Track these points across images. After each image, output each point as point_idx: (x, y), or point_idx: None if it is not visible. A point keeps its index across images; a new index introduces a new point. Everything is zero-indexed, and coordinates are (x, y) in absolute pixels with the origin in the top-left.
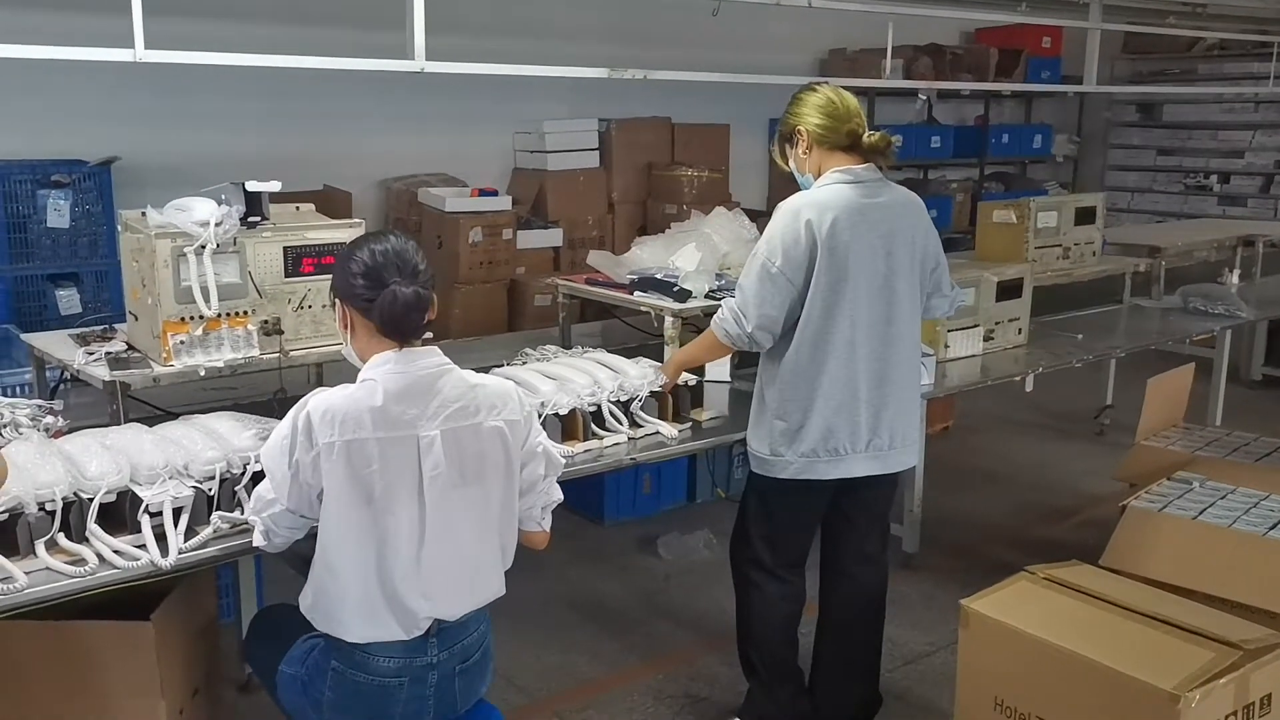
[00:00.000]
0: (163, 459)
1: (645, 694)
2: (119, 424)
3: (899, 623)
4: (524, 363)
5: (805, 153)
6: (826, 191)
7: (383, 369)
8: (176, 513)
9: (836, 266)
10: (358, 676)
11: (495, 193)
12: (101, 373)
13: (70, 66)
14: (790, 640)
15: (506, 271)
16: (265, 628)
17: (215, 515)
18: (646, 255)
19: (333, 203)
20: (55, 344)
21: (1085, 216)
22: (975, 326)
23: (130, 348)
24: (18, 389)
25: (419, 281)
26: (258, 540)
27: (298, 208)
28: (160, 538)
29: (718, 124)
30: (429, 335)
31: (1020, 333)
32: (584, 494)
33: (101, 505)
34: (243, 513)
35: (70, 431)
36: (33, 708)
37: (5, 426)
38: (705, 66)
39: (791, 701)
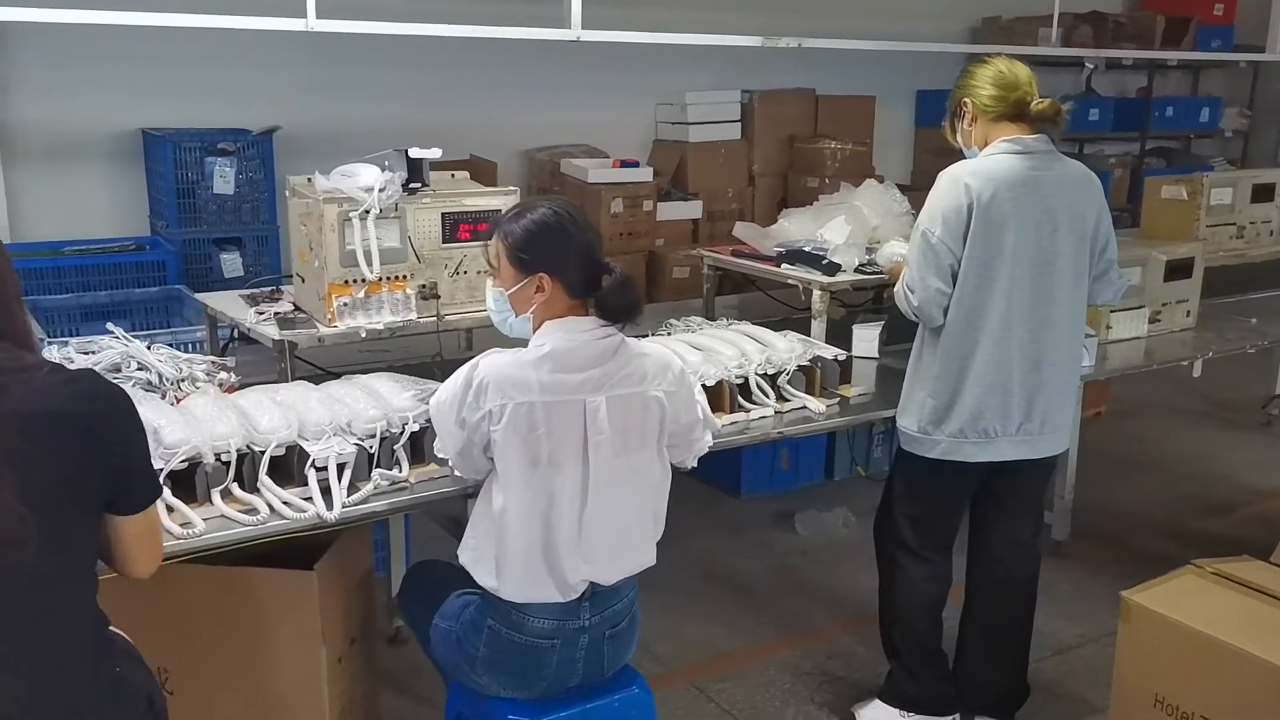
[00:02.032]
0: (328, 416)
1: (782, 669)
2: (287, 381)
3: (1048, 612)
4: (669, 334)
5: (970, 125)
6: (992, 161)
7: (554, 335)
8: (340, 468)
9: (994, 240)
10: (513, 636)
11: (636, 164)
12: (271, 332)
13: (235, 38)
14: (934, 623)
15: (646, 243)
16: (420, 582)
17: (376, 472)
18: (794, 227)
19: (479, 172)
20: (227, 304)
21: (1263, 194)
22: (1140, 308)
23: (297, 309)
24: (189, 346)
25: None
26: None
27: (453, 175)
28: (325, 492)
29: (863, 96)
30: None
31: (1189, 315)
32: (721, 467)
33: (271, 459)
34: (401, 470)
35: (240, 388)
36: (206, 647)
37: (183, 380)
38: (852, 36)
39: (934, 685)
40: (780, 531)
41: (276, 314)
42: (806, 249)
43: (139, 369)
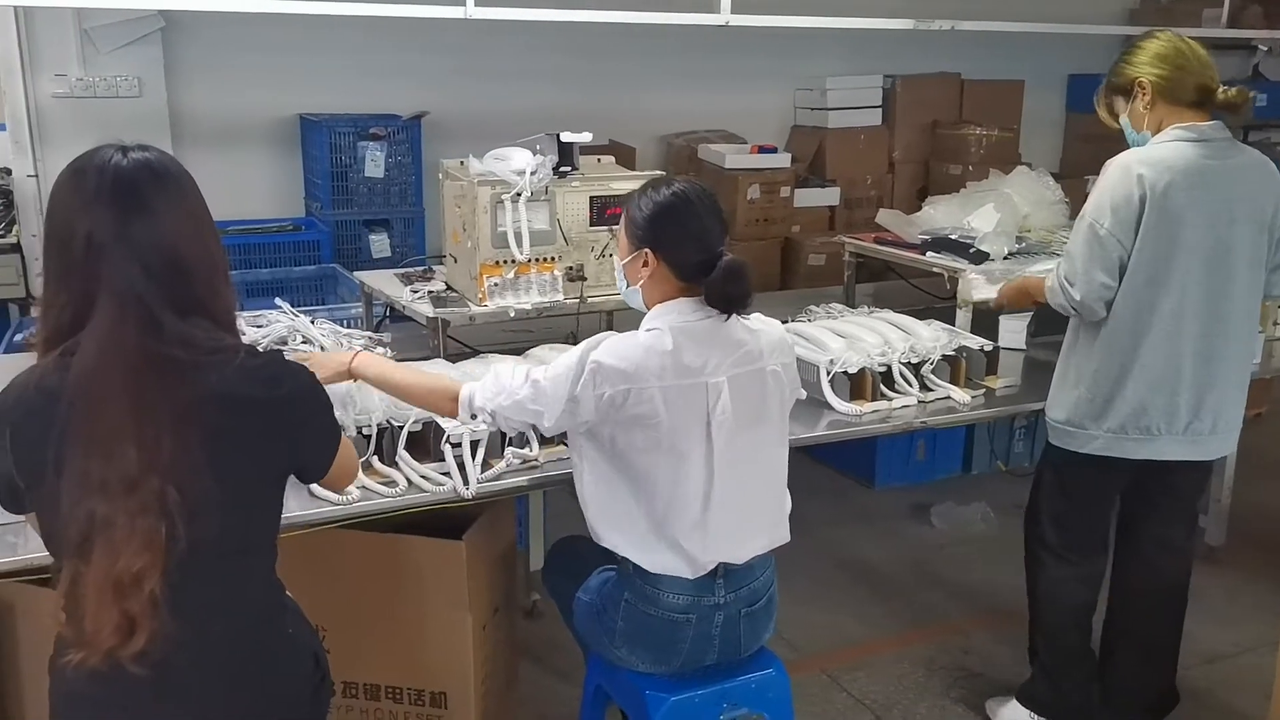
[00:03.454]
0: None
1: (916, 662)
2: (439, 357)
3: (1199, 618)
4: (809, 320)
5: (1146, 108)
6: (1166, 149)
7: (668, 317)
8: (474, 445)
9: (1168, 232)
10: (648, 610)
11: (774, 150)
12: (426, 309)
13: (388, 25)
14: (1079, 627)
15: (782, 229)
16: (563, 557)
17: (508, 450)
18: (939, 215)
19: (619, 157)
20: (382, 282)
21: None
22: None
23: (449, 288)
24: (345, 322)
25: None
26: (463, 415)
27: (599, 159)
28: (460, 467)
29: (1011, 80)
30: None
31: None
32: (855, 456)
33: (409, 434)
34: (532, 449)
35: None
36: (360, 609)
37: None
38: (1001, 18)
39: (1075, 690)
40: (915, 524)
41: (430, 292)
42: (953, 237)
43: (303, 342)
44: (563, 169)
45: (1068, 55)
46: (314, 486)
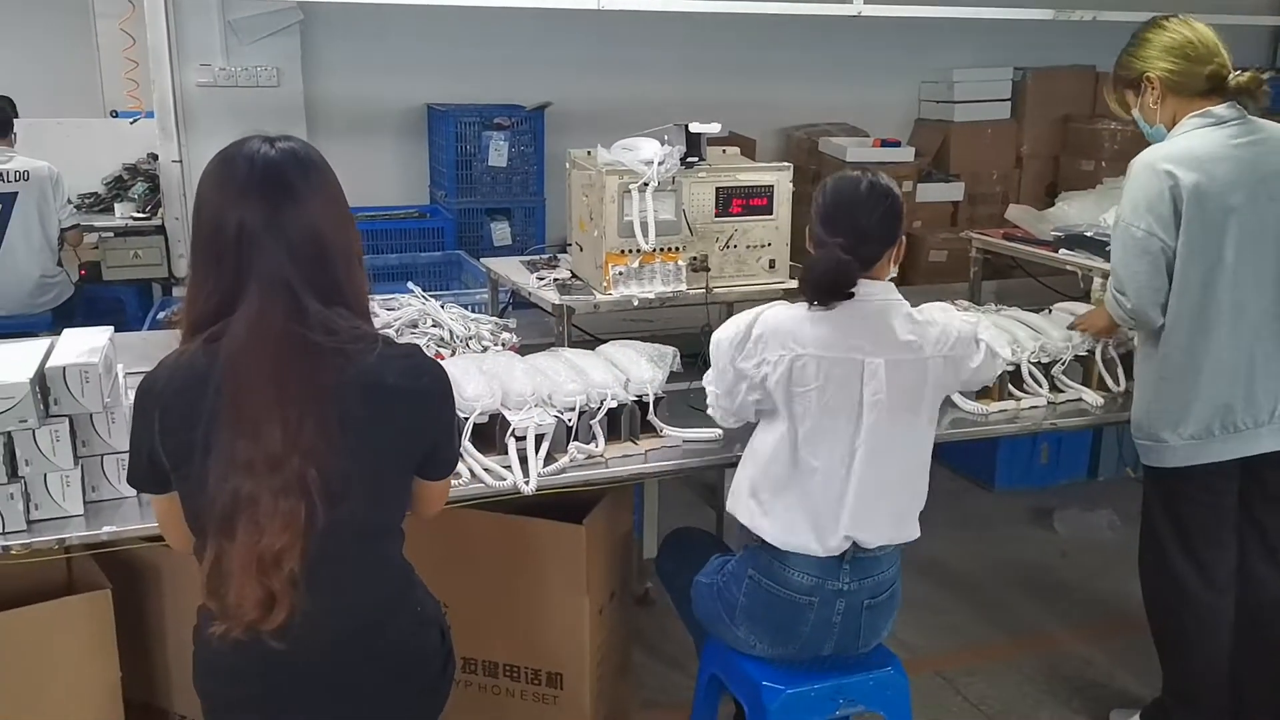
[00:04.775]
0: (530, 387)
1: (1036, 669)
2: (564, 345)
3: None
4: None
5: (1156, 102)
6: (1189, 139)
7: None
8: (538, 439)
9: (1212, 221)
10: (772, 587)
11: (898, 143)
12: (552, 296)
13: (516, 17)
14: (1206, 656)
15: (904, 224)
16: (680, 546)
17: (572, 445)
18: (1073, 211)
19: (739, 149)
20: (508, 268)
21: None
22: None
23: (574, 275)
24: (470, 307)
25: (866, 238)
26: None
27: (724, 150)
28: (522, 461)
29: None
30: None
31: None
32: (975, 457)
33: (474, 425)
34: (597, 445)
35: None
36: (481, 588)
37: (470, 339)
38: (1145, 8)
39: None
40: (1037, 529)
41: (555, 280)
42: (1088, 234)
43: (433, 325)
44: (690, 159)
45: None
46: None
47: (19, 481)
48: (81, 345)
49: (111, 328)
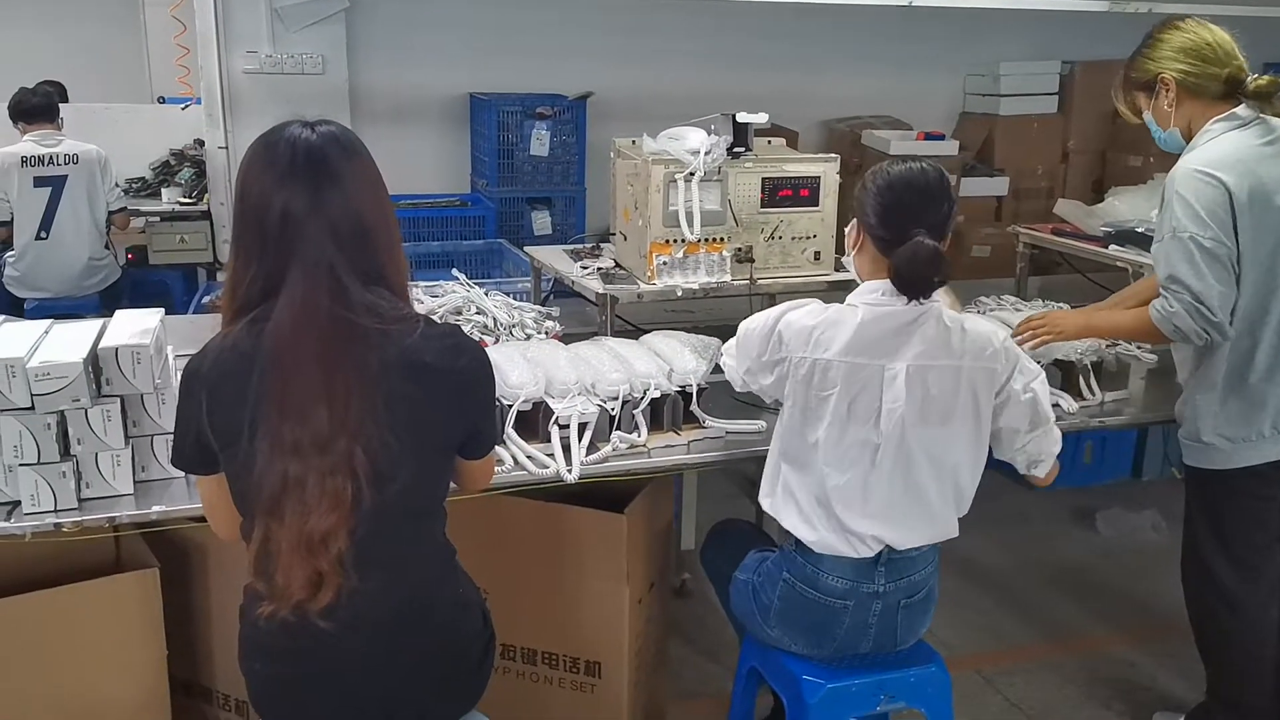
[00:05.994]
0: (574, 376)
1: (1076, 671)
2: (607, 334)
3: None
4: (981, 313)
5: (1171, 105)
6: (1222, 144)
7: (870, 296)
8: (581, 428)
9: (1263, 224)
10: (806, 591)
11: (941, 137)
12: (595, 285)
13: (558, 6)
14: (1253, 661)
15: None
16: (722, 539)
17: (615, 434)
18: (1124, 207)
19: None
20: (552, 257)
21: None
22: None
23: (617, 265)
24: (513, 295)
25: (940, 226)
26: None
27: (769, 141)
28: (565, 449)
29: None
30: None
31: None
32: None
33: (519, 413)
34: (640, 435)
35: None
36: (520, 574)
37: (514, 326)
38: (1201, 0)
39: None
40: (1079, 528)
41: (599, 269)
42: (1139, 229)
43: (477, 312)
44: (736, 149)
45: (1265, 42)
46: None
47: (71, 460)
48: (133, 327)
49: (162, 310)
